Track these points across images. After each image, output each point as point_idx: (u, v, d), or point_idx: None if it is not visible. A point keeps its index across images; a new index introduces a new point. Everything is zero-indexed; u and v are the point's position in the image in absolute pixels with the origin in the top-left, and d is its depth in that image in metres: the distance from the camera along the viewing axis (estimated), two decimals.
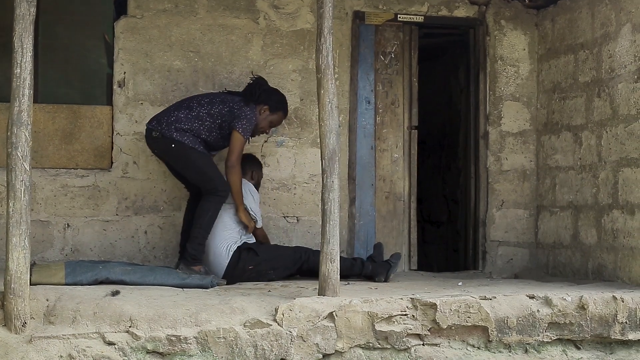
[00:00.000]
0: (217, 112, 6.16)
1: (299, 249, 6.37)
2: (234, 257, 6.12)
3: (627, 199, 6.17)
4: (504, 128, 7.35)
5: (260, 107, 6.28)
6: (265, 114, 6.30)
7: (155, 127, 6.14)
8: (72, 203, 6.64)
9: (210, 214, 6.05)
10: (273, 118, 6.37)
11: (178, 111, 6.16)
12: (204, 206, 6.05)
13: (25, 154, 4.74)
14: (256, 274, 6.15)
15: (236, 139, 6.12)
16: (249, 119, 6.14)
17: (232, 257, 6.12)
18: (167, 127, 6.10)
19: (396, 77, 7.32)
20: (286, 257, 6.28)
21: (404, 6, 7.20)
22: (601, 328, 5.26)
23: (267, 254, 6.24)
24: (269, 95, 6.32)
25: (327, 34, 5.13)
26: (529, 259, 7.34)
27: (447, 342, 5.07)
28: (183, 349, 4.74)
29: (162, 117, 6.17)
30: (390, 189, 7.29)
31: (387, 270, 6.31)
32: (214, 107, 6.17)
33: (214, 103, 6.19)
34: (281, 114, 6.42)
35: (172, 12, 6.80)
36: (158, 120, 6.18)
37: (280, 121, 6.48)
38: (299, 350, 4.84)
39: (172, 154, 6.18)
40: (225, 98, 6.25)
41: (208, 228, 6.06)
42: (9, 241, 4.73)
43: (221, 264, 6.11)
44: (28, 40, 4.76)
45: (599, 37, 6.56)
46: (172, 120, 6.11)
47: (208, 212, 6.04)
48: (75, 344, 4.67)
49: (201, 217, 6.04)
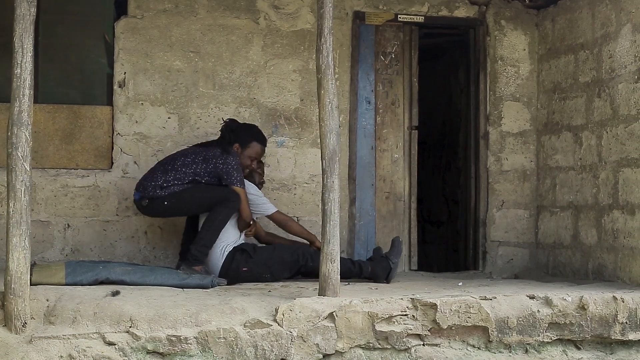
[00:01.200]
0: (203, 170, 6.12)
1: (298, 251, 6.27)
2: (228, 257, 6.11)
3: (628, 199, 6.17)
4: (504, 128, 7.36)
5: (234, 147, 6.24)
6: (239, 152, 6.26)
7: (143, 195, 6.13)
8: (72, 203, 6.64)
9: (220, 219, 6.06)
10: (249, 152, 6.30)
11: (165, 175, 6.11)
12: (216, 211, 6.06)
13: (25, 154, 4.74)
14: (251, 276, 6.11)
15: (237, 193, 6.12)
16: (236, 168, 6.12)
17: (226, 258, 6.11)
18: (152, 190, 6.08)
19: (396, 77, 7.32)
20: (283, 261, 6.20)
21: (404, 6, 7.20)
22: (601, 328, 5.26)
23: (262, 257, 6.17)
24: (236, 134, 6.28)
25: (327, 34, 5.13)
26: (529, 259, 7.34)
27: (447, 342, 5.07)
28: (183, 349, 4.74)
29: (148, 182, 6.13)
30: (390, 189, 7.29)
31: (387, 272, 6.26)
32: (198, 166, 6.13)
33: (197, 162, 6.14)
34: (254, 144, 6.33)
35: (172, 12, 6.80)
36: (144, 186, 6.14)
37: (260, 151, 6.39)
38: (299, 350, 4.84)
39: (168, 209, 6.16)
40: (206, 155, 6.17)
41: (216, 232, 6.06)
42: (9, 241, 4.73)
43: (216, 264, 6.11)
44: (28, 41, 4.76)
45: (599, 37, 6.56)
46: (159, 183, 6.09)
47: (218, 217, 6.05)
48: (76, 344, 4.67)
49: (211, 221, 6.06)
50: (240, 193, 6.13)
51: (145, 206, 6.16)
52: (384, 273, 6.25)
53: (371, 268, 6.27)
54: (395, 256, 6.33)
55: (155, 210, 6.21)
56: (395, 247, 6.35)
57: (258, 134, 6.39)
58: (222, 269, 6.10)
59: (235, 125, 6.35)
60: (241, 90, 6.89)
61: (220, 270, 6.10)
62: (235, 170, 6.12)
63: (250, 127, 6.42)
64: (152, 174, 6.17)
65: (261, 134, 6.42)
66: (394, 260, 6.31)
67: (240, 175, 6.15)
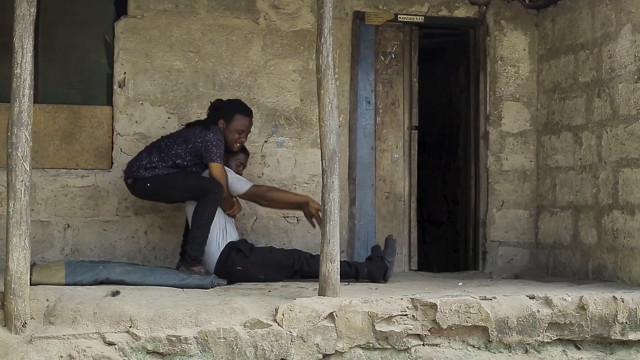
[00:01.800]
0: (183, 150, 6.12)
1: (294, 254, 6.24)
2: (223, 253, 6.12)
3: (627, 199, 6.17)
4: (504, 128, 7.36)
5: (219, 124, 6.22)
6: (225, 127, 6.24)
7: (128, 174, 6.18)
8: (72, 203, 6.64)
9: (206, 214, 6.03)
10: (234, 125, 6.26)
11: (149, 155, 6.13)
12: (200, 207, 6.05)
13: (25, 154, 4.74)
14: (245, 275, 6.10)
15: (214, 168, 6.09)
16: (215, 144, 6.09)
17: (221, 253, 6.11)
18: (136, 170, 6.11)
19: (396, 77, 7.32)
20: (279, 264, 6.19)
21: (404, 6, 7.20)
22: (601, 328, 5.26)
23: (258, 258, 6.17)
24: (220, 109, 6.27)
25: (327, 34, 5.13)
26: (529, 259, 7.34)
27: (447, 342, 5.07)
28: (183, 349, 4.74)
29: (134, 162, 6.18)
30: (390, 189, 7.29)
31: (384, 272, 6.25)
32: (179, 147, 6.12)
33: (178, 143, 6.14)
34: (238, 116, 6.27)
35: (172, 12, 6.80)
36: (130, 166, 6.19)
37: (246, 123, 6.31)
38: (299, 350, 4.84)
39: (151, 191, 6.17)
40: (186, 135, 6.17)
41: (206, 228, 6.05)
42: (9, 241, 4.73)
43: (212, 259, 6.12)
44: (28, 41, 4.76)
45: (599, 38, 6.56)
46: (143, 163, 6.11)
47: (204, 212, 6.03)
48: (76, 344, 4.67)
49: (198, 218, 6.04)
50: (215, 169, 6.07)
51: (130, 184, 6.19)
52: (380, 273, 6.24)
53: (367, 269, 6.26)
54: (390, 255, 6.31)
55: (140, 191, 6.21)
56: (390, 245, 6.34)
57: (241, 107, 6.34)
58: (217, 263, 6.11)
59: (219, 103, 6.34)
60: (241, 90, 6.89)
61: (215, 265, 6.11)
62: (213, 146, 6.08)
63: (233, 102, 6.39)
64: (138, 155, 6.22)
65: (245, 106, 6.37)
66: (389, 259, 6.29)
67: (219, 151, 6.10)
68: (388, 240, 6.38)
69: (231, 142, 6.27)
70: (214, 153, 6.08)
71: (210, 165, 6.10)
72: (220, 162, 6.12)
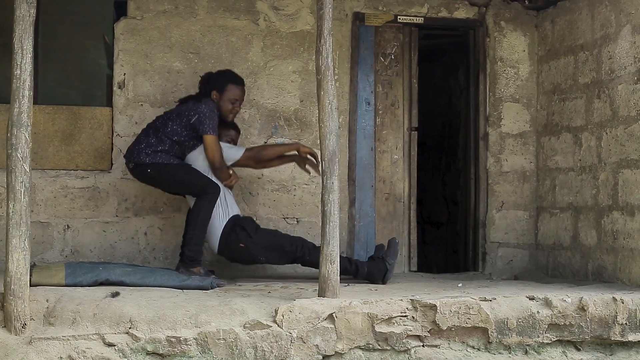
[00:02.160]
0: (178, 126, 6.12)
1: (297, 242, 6.26)
2: (227, 227, 6.14)
3: (627, 200, 6.17)
4: (504, 129, 7.36)
5: (212, 96, 6.21)
6: (218, 98, 6.23)
7: (129, 158, 6.18)
8: (72, 204, 6.64)
9: (202, 214, 6.04)
10: (227, 96, 6.26)
11: (147, 137, 6.14)
12: (196, 207, 6.06)
13: (25, 155, 4.74)
14: (246, 254, 6.17)
15: (208, 140, 6.09)
16: (208, 115, 6.08)
17: (225, 226, 6.14)
18: (137, 155, 6.12)
19: (396, 79, 7.32)
20: (281, 249, 6.23)
21: (403, 7, 7.21)
22: (601, 329, 5.26)
23: (262, 240, 6.20)
24: (211, 81, 6.28)
25: (327, 36, 5.13)
26: (528, 260, 7.34)
27: (447, 343, 5.07)
28: (183, 350, 4.74)
29: (134, 147, 6.18)
30: (390, 190, 7.29)
31: (383, 273, 6.26)
32: (174, 123, 6.13)
33: (173, 119, 6.15)
34: (231, 86, 6.27)
35: (172, 13, 6.80)
36: (130, 151, 6.19)
37: (239, 92, 6.31)
38: (298, 351, 4.83)
39: (151, 178, 6.18)
40: (179, 110, 6.19)
41: (203, 228, 6.06)
42: (8, 242, 4.73)
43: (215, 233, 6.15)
44: (28, 42, 4.76)
45: (598, 39, 6.57)
46: (143, 147, 6.12)
47: (200, 213, 6.04)
48: (75, 345, 4.67)
49: (194, 219, 6.05)
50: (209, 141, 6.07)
51: (132, 169, 6.20)
52: (380, 274, 6.25)
53: (367, 269, 6.26)
54: (392, 257, 6.32)
55: (141, 176, 6.21)
56: (392, 248, 6.35)
57: (233, 76, 6.34)
58: (221, 236, 6.13)
59: (209, 75, 6.35)
60: None
61: (220, 238, 6.14)
62: (207, 118, 6.07)
63: (224, 72, 6.39)
64: (137, 138, 6.23)
65: (236, 75, 6.37)
66: (390, 261, 6.29)
67: (212, 123, 6.09)
68: (391, 243, 6.39)
69: (225, 112, 6.28)
70: (207, 125, 6.07)
71: (204, 138, 6.09)
72: (214, 134, 6.10)
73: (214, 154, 6.12)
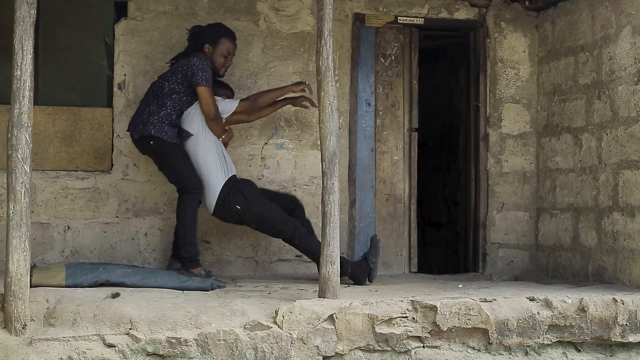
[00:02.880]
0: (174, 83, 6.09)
1: (291, 225, 6.17)
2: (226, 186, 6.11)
3: (627, 201, 6.17)
4: (504, 130, 7.36)
5: (205, 50, 6.20)
6: (211, 51, 6.22)
7: (133, 130, 6.20)
8: (72, 205, 6.64)
9: (189, 213, 6.05)
10: (220, 49, 6.25)
11: (148, 105, 6.15)
12: (181, 207, 6.08)
13: (25, 156, 4.74)
14: (238, 217, 6.15)
15: (202, 92, 6.05)
16: (201, 67, 6.05)
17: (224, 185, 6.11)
18: (143, 127, 6.12)
19: (396, 79, 7.32)
20: (273, 224, 6.17)
21: (404, 8, 7.21)
22: (601, 330, 5.26)
23: (258, 209, 6.15)
24: (202, 35, 6.25)
25: (327, 36, 5.13)
26: (529, 261, 7.34)
27: (447, 344, 5.07)
28: (183, 351, 4.74)
29: (137, 118, 6.18)
30: (390, 191, 7.29)
31: (367, 274, 6.19)
32: (169, 82, 6.12)
33: (167, 79, 6.14)
34: (224, 39, 6.25)
35: (172, 14, 6.80)
36: (134, 123, 6.19)
37: (231, 46, 6.31)
38: (299, 352, 4.83)
39: (151, 151, 6.21)
40: (173, 69, 6.19)
41: (192, 226, 6.06)
42: (9, 243, 4.73)
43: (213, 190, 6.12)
44: (28, 43, 4.76)
45: (599, 40, 6.57)
46: (146, 116, 6.12)
47: (186, 212, 6.05)
48: (76, 346, 4.67)
49: (181, 219, 6.06)
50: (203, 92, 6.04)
51: (137, 140, 6.22)
52: (364, 275, 6.18)
53: (351, 270, 6.18)
54: (374, 255, 6.26)
55: (144, 148, 6.23)
56: (374, 246, 6.30)
57: (226, 30, 6.33)
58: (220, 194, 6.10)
59: (199, 29, 6.33)
60: (241, 92, 6.88)
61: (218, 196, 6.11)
62: (199, 70, 6.04)
63: (216, 25, 6.38)
64: (138, 111, 6.22)
65: (228, 29, 6.36)
66: (372, 260, 6.24)
67: (205, 74, 6.06)
68: (372, 241, 6.34)
69: (218, 66, 6.27)
70: (200, 76, 6.04)
71: (198, 90, 6.06)
72: (208, 86, 6.07)
73: (209, 105, 6.09)
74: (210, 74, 6.14)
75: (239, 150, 6.82)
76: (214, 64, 6.24)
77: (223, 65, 6.31)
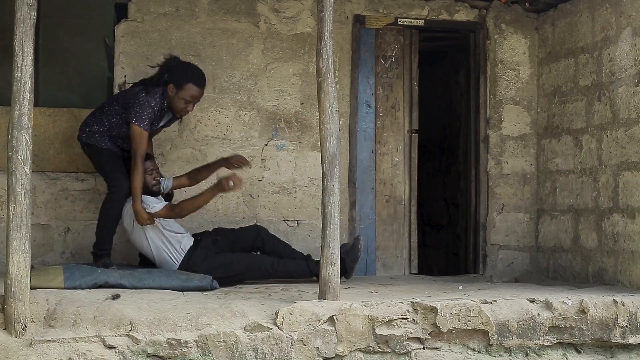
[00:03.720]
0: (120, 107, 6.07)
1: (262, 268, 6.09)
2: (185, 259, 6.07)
3: (628, 203, 6.17)
4: (505, 132, 7.36)
5: (168, 88, 6.05)
6: (173, 93, 6.04)
7: (78, 136, 6.24)
8: (72, 207, 6.64)
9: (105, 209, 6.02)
10: (183, 94, 6.03)
11: (92, 116, 6.19)
12: (103, 204, 6.10)
13: (25, 158, 4.73)
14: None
15: (132, 130, 5.94)
16: (141, 105, 5.91)
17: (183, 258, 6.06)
18: (80, 132, 6.19)
19: (396, 81, 7.33)
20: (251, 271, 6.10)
21: (404, 10, 7.21)
22: (602, 332, 5.26)
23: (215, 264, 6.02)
24: (172, 72, 6.06)
25: (327, 38, 5.13)
26: (529, 262, 7.34)
27: (447, 345, 5.07)
28: (183, 353, 4.73)
29: (82, 125, 6.23)
30: (390, 192, 7.30)
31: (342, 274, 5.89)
32: (118, 103, 6.11)
33: (118, 100, 6.13)
34: (190, 85, 6.01)
35: (172, 15, 6.81)
36: (80, 128, 6.24)
37: (196, 94, 6.09)
38: (299, 354, 4.83)
39: (88, 156, 6.26)
40: (127, 91, 6.17)
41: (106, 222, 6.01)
42: (9, 244, 4.73)
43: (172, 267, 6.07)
44: (29, 44, 4.76)
45: (599, 41, 6.57)
46: (82, 125, 6.19)
47: (104, 208, 6.05)
48: (76, 347, 4.67)
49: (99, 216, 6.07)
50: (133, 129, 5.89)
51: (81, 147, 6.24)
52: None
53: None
54: (353, 261, 6.13)
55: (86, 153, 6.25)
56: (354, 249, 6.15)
57: (196, 75, 6.09)
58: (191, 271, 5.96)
59: (174, 63, 6.12)
60: (241, 93, 6.89)
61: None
62: (139, 107, 5.90)
63: (188, 67, 6.15)
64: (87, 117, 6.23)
65: (199, 74, 6.12)
66: (350, 265, 6.10)
67: (143, 113, 5.88)
68: (354, 242, 6.21)
69: (176, 109, 6.11)
70: (136, 113, 5.90)
71: (131, 126, 5.93)
72: (141, 126, 5.89)
73: (137, 145, 5.91)
74: (152, 117, 5.96)
75: (239, 152, 6.82)
76: (173, 105, 6.08)
77: (182, 110, 6.12)
